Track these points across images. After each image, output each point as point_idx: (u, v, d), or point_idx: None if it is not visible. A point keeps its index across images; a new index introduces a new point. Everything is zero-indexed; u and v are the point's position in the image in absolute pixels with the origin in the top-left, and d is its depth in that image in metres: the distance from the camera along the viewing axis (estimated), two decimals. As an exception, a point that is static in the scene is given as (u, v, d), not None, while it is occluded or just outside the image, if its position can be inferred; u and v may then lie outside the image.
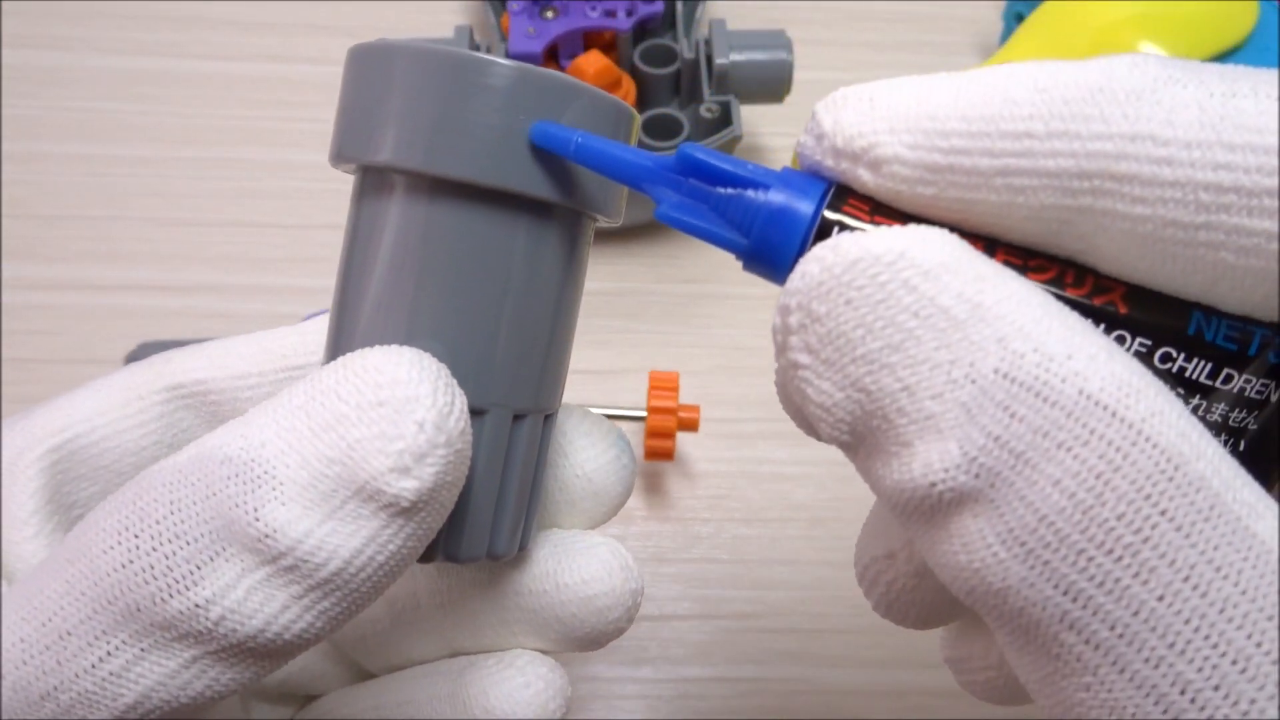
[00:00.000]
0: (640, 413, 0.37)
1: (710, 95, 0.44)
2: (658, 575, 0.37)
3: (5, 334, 0.42)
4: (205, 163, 0.48)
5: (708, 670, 0.35)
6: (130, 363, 0.36)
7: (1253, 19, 0.43)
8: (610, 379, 0.42)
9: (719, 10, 0.51)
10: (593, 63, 0.43)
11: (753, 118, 0.50)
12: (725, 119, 0.43)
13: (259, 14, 0.54)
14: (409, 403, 0.15)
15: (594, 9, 0.44)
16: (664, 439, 0.37)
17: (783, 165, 0.16)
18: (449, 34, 0.46)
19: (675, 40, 0.46)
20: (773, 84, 0.44)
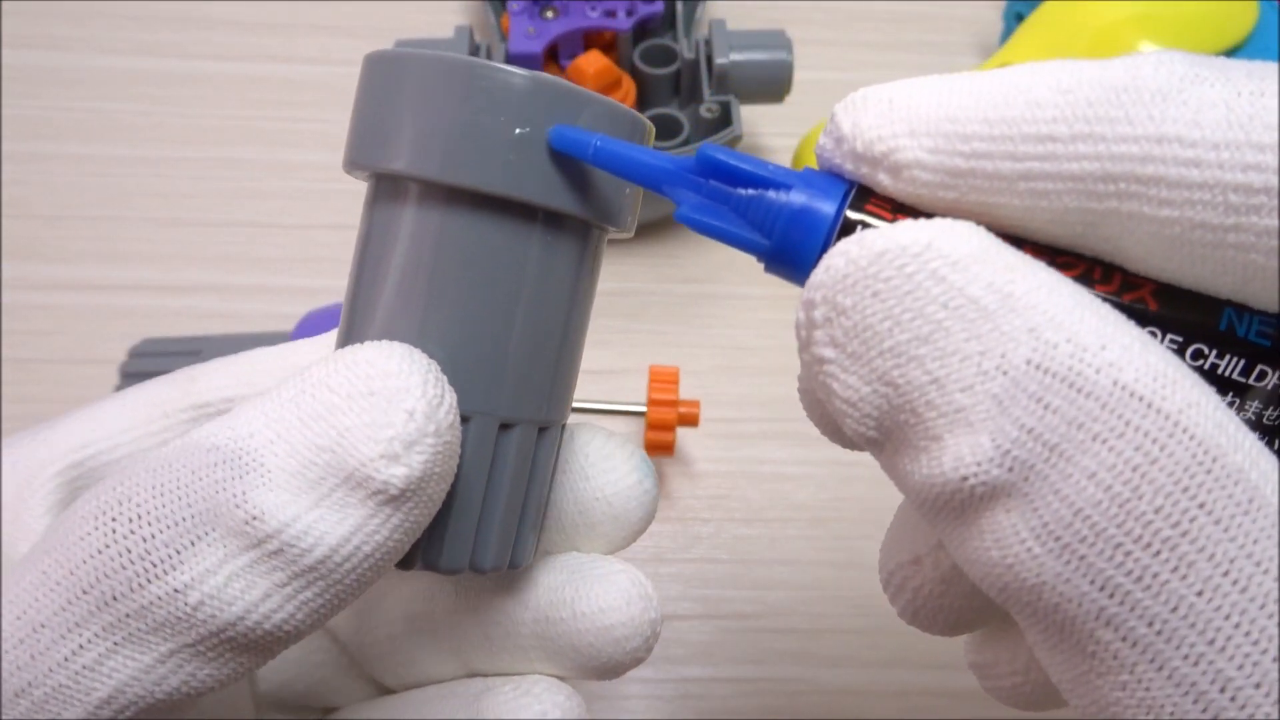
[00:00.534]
0: (640, 408, 0.37)
1: (710, 95, 0.44)
2: (658, 575, 0.37)
3: (5, 334, 0.42)
4: (205, 163, 0.48)
5: (708, 670, 0.35)
6: (132, 358, 0.36)
7: (1253, 19, 0.43)
8: (611, 378, 0.42)
9: (719, 10, 0.51)
10: (593, 63, 0.43)
11: (753, 118, 0.50)
12: (725, 119, 0.43)
13: (259, 14, 0.54)
14: (400, 393, 0.15)
15: (594, 9, 0.44)
16: (664, 432, 0.36)
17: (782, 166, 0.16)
18: (449, 34, 0.46)
19: (675, 40, 0.46)
20: (773, 84, 0.44)
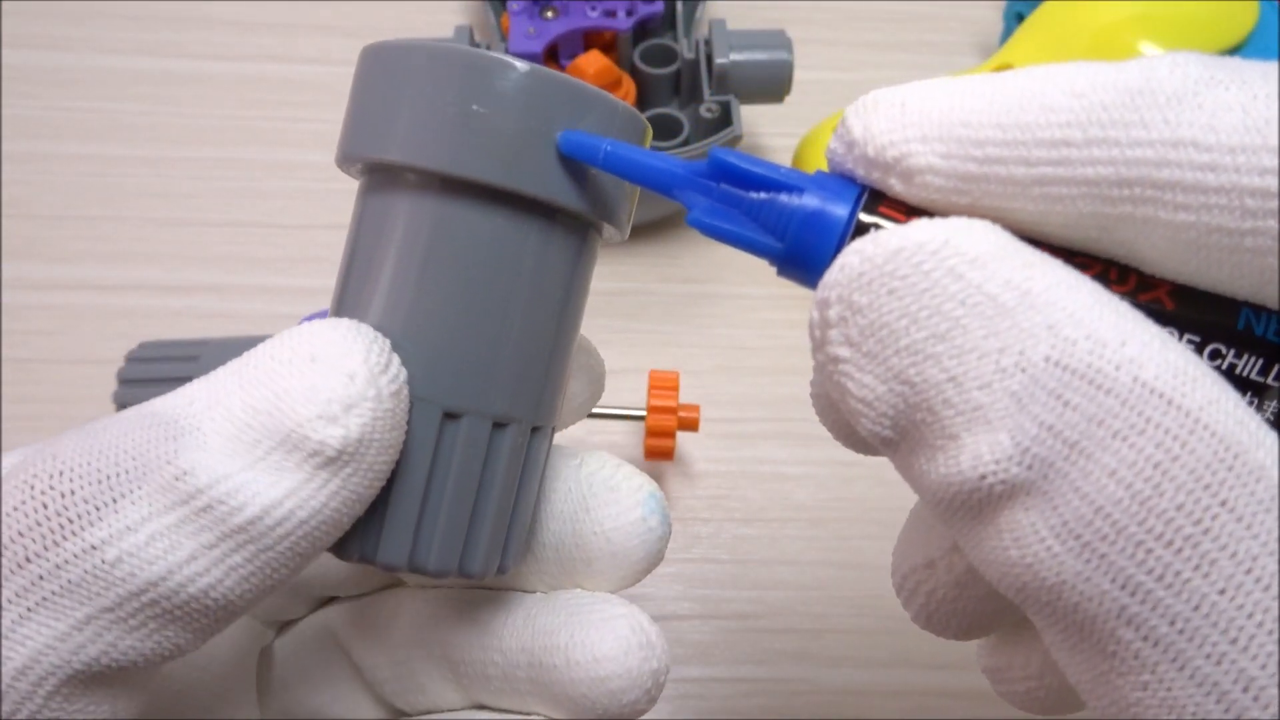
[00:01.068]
0: (640, 412, 0.37)
1: (710, 95, 0.44)
2: (658, 575, 0.37)
3: (5, 334, 0.42)
4: (205, 163, 0.48)
5: (708, 670, 0.35)
6: (129, 363, 0.36)
7: (1253, 19, 0.43)
8: (610, 379, 0.41)
9: (719, 10, 0.51)
10: (593, 63, 0.43)
11: (753, 118, 0.50)
12: (725, 119, 0.43)
13: (259, 14, 0.54)
14: (341, 357, 0.15)
15: (594, 9, 0.44)
16: (664, 438, 0.37)
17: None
18: (449, 34, 0.46)
19: (675, 40, 0.46)
20: (773, 84, 0.44)
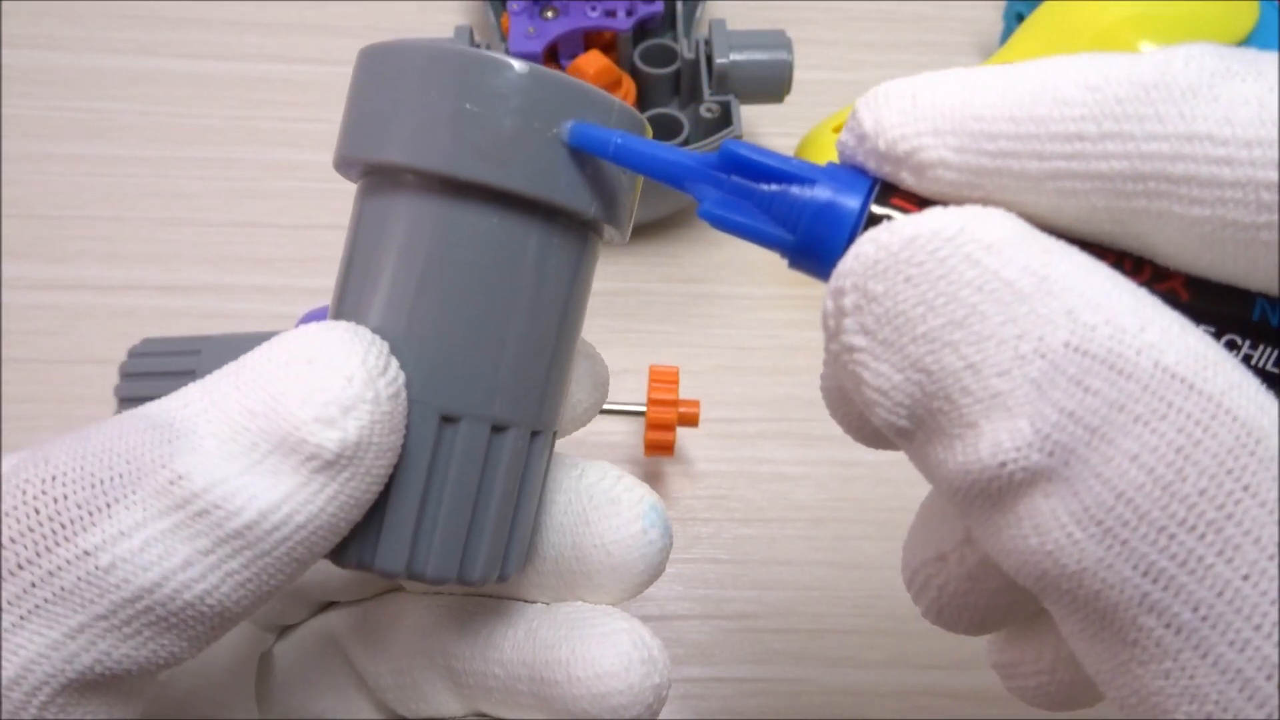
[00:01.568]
0: (640, 407, 0.37)
1: (710, 95, 0.44)
2: (658, 575, 0.37)
3: (5, 334, 0.42)
4: (205, 163, 0.48)
5: (708, 670, 0.35)
6: (131, 359, 0.36)
7: (1253, 19, 0.43)
8: (611, 378, 0.42)
9: (719, 10, 0.51)
10: (593, 63, 0.43)
11: (753, 117, 0.50)
12: (725, 119, 0.43)
13: (259, 14, 0.54)
14: (339, 359, 0.15)
15: (594, 9, 0.44)
16: (664, 431, 0.36)
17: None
18: (449, 34, 0.46)
19: (675, 40, 0.46)
20: (773, 84, 0.44)
